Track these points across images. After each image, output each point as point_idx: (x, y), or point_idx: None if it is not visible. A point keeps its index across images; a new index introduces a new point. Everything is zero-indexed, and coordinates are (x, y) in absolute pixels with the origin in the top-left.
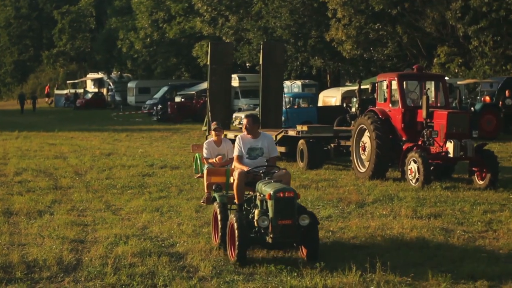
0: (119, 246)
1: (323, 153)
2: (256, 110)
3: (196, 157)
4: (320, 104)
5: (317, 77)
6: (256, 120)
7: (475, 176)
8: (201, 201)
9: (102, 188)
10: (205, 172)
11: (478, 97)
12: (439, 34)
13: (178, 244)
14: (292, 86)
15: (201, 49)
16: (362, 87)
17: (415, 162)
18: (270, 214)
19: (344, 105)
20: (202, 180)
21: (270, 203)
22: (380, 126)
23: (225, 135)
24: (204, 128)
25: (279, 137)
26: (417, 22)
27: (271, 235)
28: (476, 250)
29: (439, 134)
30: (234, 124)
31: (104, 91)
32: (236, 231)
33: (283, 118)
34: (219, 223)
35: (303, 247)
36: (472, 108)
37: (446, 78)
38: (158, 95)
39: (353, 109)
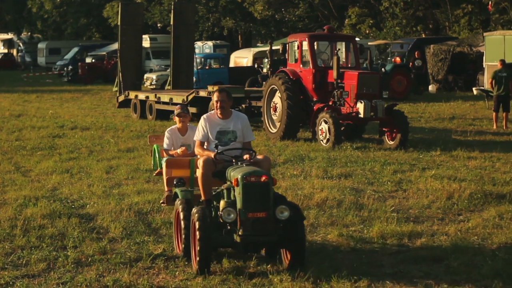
0: (28, 208)
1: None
2: (167, 71)
3: (154, 149)
4: (231, 65)
5: (229, 37)
6: (230, 96)
7: (386, 136)
8: (161, 202)
9: (12, 150)
10: (163, 164)
11: (389, 58)
12: None
13: (88, 206)
14: (203, 47)
15: (112, 9)
16: (273, 48)
17: (326, 122)
18: (238, 205)
19: (256, 65)
20: (162, 178)
21: (237, 191)
22: (291, 86)
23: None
24: (115, 89)
25: (190, 97)
26: None
27: (239, 232)
28: (386, 209)
29: (349, 95)
30: (145, 85)
31: (14, 52)
32: (197, 232)
33: (194, 79)
34: (182, 224)
35: (286, 251)
36: (382, 69)
37: (357, 39)
38: (69, 56)
39: (265, 70)
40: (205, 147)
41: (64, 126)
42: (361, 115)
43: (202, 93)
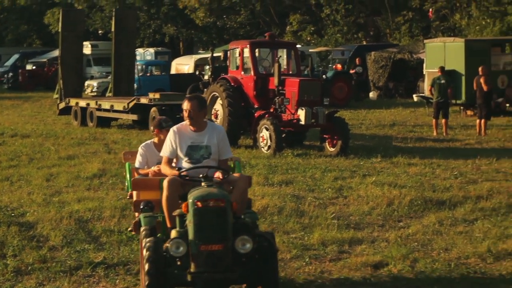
0: None
1: (176, 121)
2: (109, 78)
3: (126, 168)
4: (173, 71)
5: (170, 44)
6: (203, 104)
7: (326, 143)
8: (128, 229)
9: None
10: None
11: (330, 65)
12: (291, 2)
13: (28, 214)
14: (145, 54)
15: (53, 16)
16: (215, 54)
17: (267, 129)
18: (190, 235)
19: (197, 72)
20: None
21: (188, 218)
22: (232, 93)
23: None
24: (55, 96)
25: (131, 104)
26: None
27: (190, 269)
28: (326, 216)
29: (290, 102)
30: (86, 92)
31: None
32: (146, 265)
33: (135, 86)
34: (144, 256)
35: None
36: (323, 76)
37: (298, 46)
38: (9, 62)
39: (206, 77)
40: (174, 164)
41: (4, 134)
42: (302, 122)
43: (143, 100)
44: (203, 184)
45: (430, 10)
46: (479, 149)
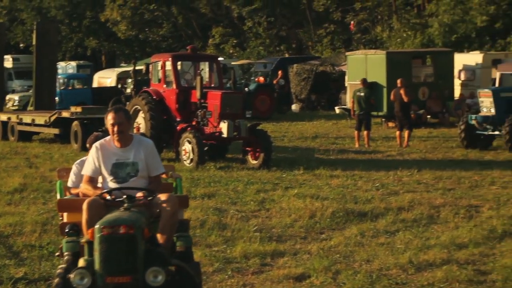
0: None
1: (102, 135)
2: (30, 91)
3: (57, 187)
4: (95, 85)
5: (92, 58)
6: (130, 116)
7: (249, 156)
8: (56, 254)
9: None
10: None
11: (252, 78)
12: (213, 15)
13: None
14: (66, 67)
15: None
16: (137, 67)
17: (189, 142)
18: (96, 264)
19: (119, 86)
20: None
21: (94, 246)
22: (154, 107)
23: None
24: None
25: (52, 118)
26: (192, 3)
27: None
28: (249, 229)
29: (213, 115)
30: (7, 106)
31: None
32: None
33: (57, 100)
34: (52, 284)
35: None
36: (246, 89)
37: (221, 58)
38: None
39: (128, 90)
40: (99, 184)
41: None
42: (225, 135)
43: (65, 114)
44: (124, 206)
45: (352, 22)
46: (401, 161)
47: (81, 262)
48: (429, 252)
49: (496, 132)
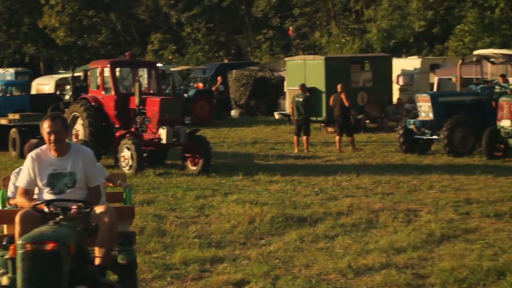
0: None
1: (38, 142)
2: None
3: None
4: (33, 92)
5: (31, 64)
6: (67, 124)
7: (188, 162)
8: None
9: None
10: None
11: (191, 84)
12: (152, 21)
13: None
14: (4, 74)
15: None
16: (76, 74)
17: (128, 149)
18: (18, 283)
19: (58, 92)
20: None
21: (17, 263)
22: (92, 113)
23: None
24: None
25: None
26: (131, 9)
27: None
28: (188, 235)
29: (152, 121)
30: None
31: None
32: None
33: None
34: None
35: None
36: (185, 95)
37: (160, 64)
38: None
39: (67, 97)
40: (36, 195)
41: None
42: (164, 141)
43: (3, 121)
44: (56, 220)
45: (290, 28)
46: (340, 166)
47: (5, 280)
48: (368, 256)
49: (435, 137)
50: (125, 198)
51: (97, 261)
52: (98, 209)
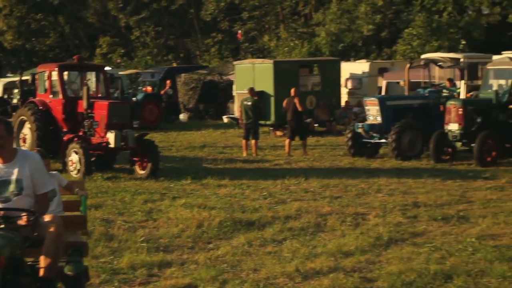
0: None
1: None
2: None
3: None
4: None
5: None
6: (12, 129)
7: (136, 166)
8: None
9: None
10: None
11: (140, 87)
12: (101, 25)
13: None
14: None
15: None
16: (23, 78)
17: (76, 153)
18: None
19: (6, 96)
20: None
21: None
22: (40, 117)
23: None
24: None
25: None
26: (79, 12)
27: None
28: (136, 240)
29: (100, 125)
30: None
31: None
32: None
33: None
34: None
35: None
36: (134, 98)
37: (108, 68)
38: None
39: (15, 101)
40: None
41: None
42: (112, 145)
43: None
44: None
45: (239, 32)
46: (288, 169)
47: None
48: (316, 260)
49: (383, 140)
50: (80, 207)
51: (41, 272)
52: (45, 218)
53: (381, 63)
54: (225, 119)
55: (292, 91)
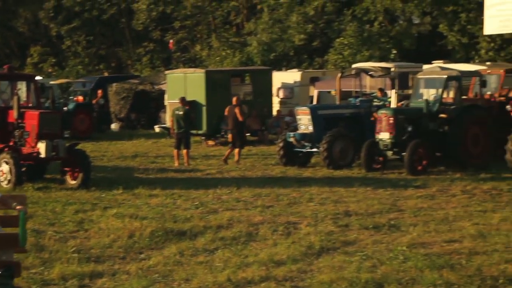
0: None
1: None
2: None
3: None
4: None
5: None
6: None
7: (68, 176)
8: None
9: None
10: None
11: (71, 97)
12: (32, 34)
13: None
14: None
15: None
16: None
17: (6, 163)
18: None
19: None
20: None
21: None
22: None
23: None
24: None
25: None
26: (9, 21)
27: None
28: (67, 250)
29: (30, 135)
30: None
31: None
32: None
33: None
34: None
35: None
36: (65, 108)
37: (40, 77)
38: None
39: None
40: None
41: None
42: (42, 155)
43: None
44: None
45: (171, 41)
46: (220, 179)
47: None
48: (248, 269)
49: (314, 149)
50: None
51: None
52: None
53: (313, 72)
54: (156, 128)
55: (234, 99)
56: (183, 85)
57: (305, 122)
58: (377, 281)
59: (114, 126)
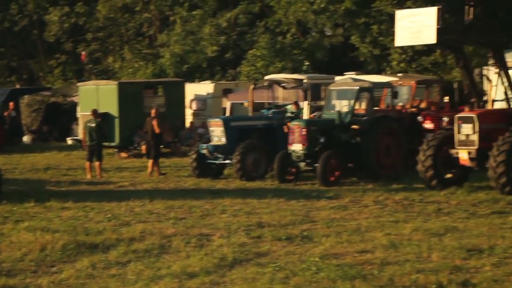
0: None
1: None
2: None
3: None
4: None
5: None
6: None
7: None
8: None
9: None
10: None
11: None
12: None
13: None
14: None
15: None
16: None
17: None
18: None
19: None
20: None
21: None
22: None
23: None
24: None
25: None
26: None
27: None
28: None
29: None
30: None
31: None
32: None
33: None
34: None
35: None
36: None
37: None
38: None
39: None
40: None
41: None
42: None
43: None
44: None
45: (83, 53)
46: (133, 191)
47: None
48: (160, 282)
49: (227, 161)
50: None
51: None
52: None
53: (226, 84)
54: (69, 141)
55: (153, 112)
56: (95, 97)
57: (218, 133)
58: None
59: (26, 138)
